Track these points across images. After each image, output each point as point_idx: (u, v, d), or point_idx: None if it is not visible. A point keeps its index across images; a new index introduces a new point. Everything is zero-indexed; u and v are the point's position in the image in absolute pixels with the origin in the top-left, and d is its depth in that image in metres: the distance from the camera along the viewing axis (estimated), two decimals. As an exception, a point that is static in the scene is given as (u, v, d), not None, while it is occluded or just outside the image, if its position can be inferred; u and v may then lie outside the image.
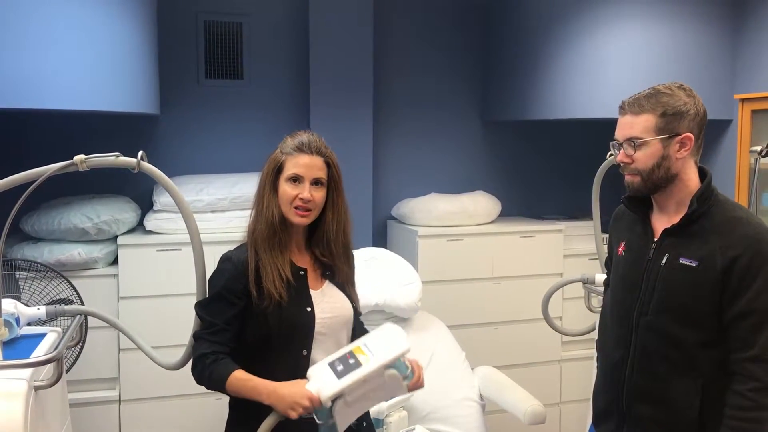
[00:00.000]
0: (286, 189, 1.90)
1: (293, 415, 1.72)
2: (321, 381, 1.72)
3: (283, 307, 1.87)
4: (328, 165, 1.95)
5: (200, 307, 1.95)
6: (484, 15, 4.31)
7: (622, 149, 1.85)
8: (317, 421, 1.74)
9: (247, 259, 1.90)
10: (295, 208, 1.90)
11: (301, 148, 1.91)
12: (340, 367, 1.73)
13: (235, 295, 1.89)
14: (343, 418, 1.76)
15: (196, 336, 1.91)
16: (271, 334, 1.88)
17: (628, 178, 1.86)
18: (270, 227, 1.90)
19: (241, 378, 1.82)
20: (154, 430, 3.35)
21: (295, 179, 1.90)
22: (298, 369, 1.88)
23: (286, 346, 1.90)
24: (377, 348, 1.75)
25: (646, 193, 1.87)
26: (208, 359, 1.86)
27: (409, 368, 1.78)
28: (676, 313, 1.79)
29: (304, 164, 1.90)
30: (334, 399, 1.71)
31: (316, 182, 1.91)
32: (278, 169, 1.93)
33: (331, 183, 1.96)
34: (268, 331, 1.88)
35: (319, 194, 1.92)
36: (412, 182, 4.23)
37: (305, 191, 1.89)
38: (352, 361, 1.73)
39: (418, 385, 1.82)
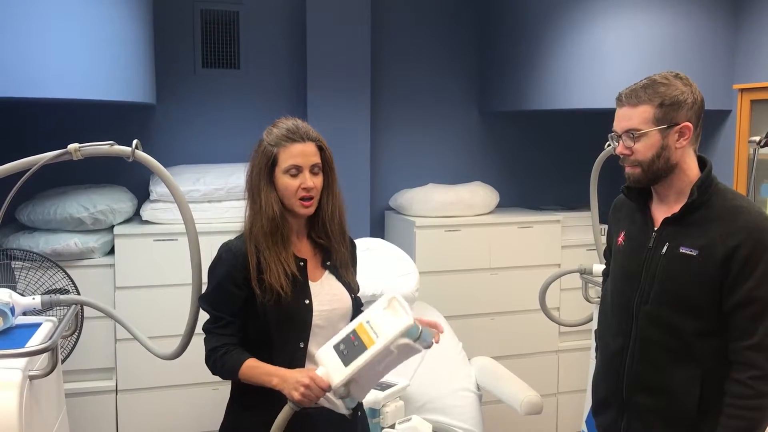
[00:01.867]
0: (287, 182, 1.88)
1: (296, 395, 1.72)
2: (328, 366, 1.71)
3: (282, 299, 1.87)
4: (320, 149, 1.93)
5: (204, 301, 1.94)
6: (483, 4, 4.29)
7: (621, 141, 1.84)
8: (335, 401, 1.76)
9: (247, 253, 1.88)
10: (300, 199, 1.88)
11: (292, 138, 1.88)
12: (345, 351, 1.69)
13: (237, 285, 1.87)
14: (360, 391, 1.73)
15: (206, 330, 1.92)
16: (269, 327, 1.88)
17: (628, 169, 1.86)
18: (272, 223, 1.88)
19: (252, 365, 1.84)
20: (151, 420, 3.36)
21: (294, 170, 1.88)
22: (295, 361, 1.88)
23: (283, 338, 1.89)
24: (380, 325, 1.68)
25: (646, 184, 1.87)
26: (219, 352, 1.87)
27: (420, 328, 1.69)
28: (677, 302, 1.79)
29: (299, 153, 1.88)
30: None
31: (313, 168, 1.90)
32: (272, 163, 1.89)
33: (326, 166, 1.94)
34: (267, 323, 1.88)
35: (318, 180, 1.91)
36: (409, 173, 4.22)
37: (307, 180, 1.87)
38: (356, 343, 1.69)
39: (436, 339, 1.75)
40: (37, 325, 2.13)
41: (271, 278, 1.85)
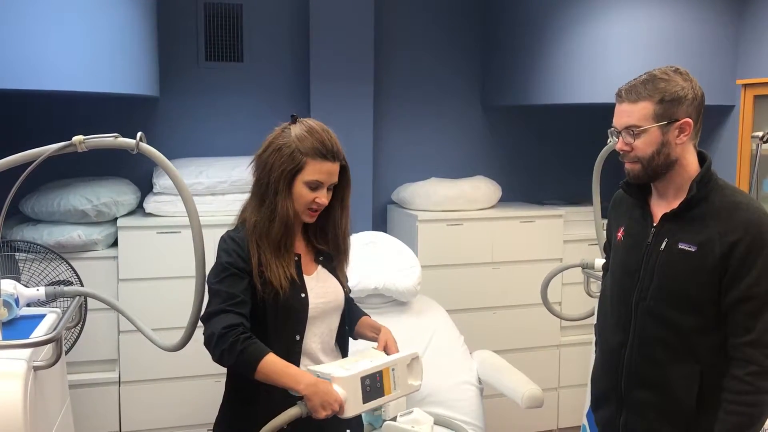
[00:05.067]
0: (303, 192, 1.87)
1: (322, 414, 1.73)
2: (350, 395, 1.76)
3: (280, 294, 1.88)
4: (342, 167, 1.94)
5: (216, 282, 1.86)
6: (486, -2, 4.29)
7: (620, 137, 1.83)
8: None
9: (249, 247, 1.88)
10: (309, 209, 1.90)
11: (324, 154, 1.86)
12: (368, 389, 1.79)
13: (243, 272, 1.87)
14: None
15: (216, 311, 1.82)
16: (267, 320, 1.88)
17: (628, 165, 1.85)
18: (284, 227, 1.88)
19: (278, 362, 1.77)
20: (154, 412, 3.37)
21: (315, 184, 1.88)
22: (291, 353, 1.88)
23: (280, 331, 1.90)
24: (401, 380, 1.87)
25: (646, 181, 1.86)
26: (239, 332, 1.77)
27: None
28: (675, 298, 1.79)
29: (326, 171, 1.88)
30: None
31: (330, 186, 1.92)
32: (296, 170, 1.87)
33: (343, 183, 1.95)
34: (265, 316, 1.88)
35: (330, 196, 1.93)
36: (412, 167, 4.22)
37: (323, 197, 1.89)
38: (379, 385, 1.81)
39: None
40: (41, 317, 2.14)
41: (272, 276, 1.86)
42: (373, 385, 1.79)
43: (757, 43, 3.56)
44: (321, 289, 1.97)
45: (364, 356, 1.93)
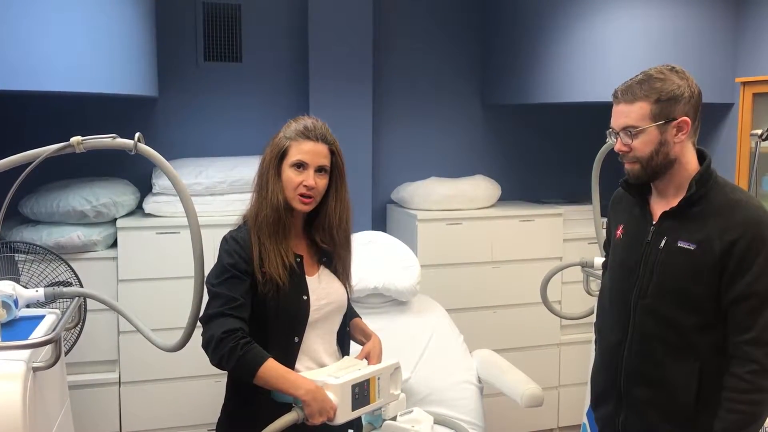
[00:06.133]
0: (290, 175, 1.89)
1: (318, 420, 1.75)
2: (342, 402, 1.80)
3: (281, 293, 1.87)
4: (332, 153, 1.94)
5: (215, 285, 1.87)
6: (485, -3, 4.29)
7: (618, 138, 1.84)
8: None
9: (251, 243, 1.89)
10: (300, 195, 1.89)
11: (305, 134, 1.90)
12: (357, 396, 1.83)
13: (244, 273, 1.87)
14: None
15: (216, 314, 1.83)
16: (267, 321, 1.88)
17: (627, 166, 1.85)
18: (275, 213, 1.89)
19: (278, 368, 1.79)
20: (154, 412, 3.37)
21: (299, 165, 1.89)
22: (288, 356, 1.89)
23: (279, 333, 1.90)
24: (384, 389, 1.94)
25: (646, 180, 1.87)
26: (239, 336, 1.78)
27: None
28: (675, 296, 1.79)
29: (308, 150, 1.89)
30: None
31: (319, 169, 1.91)
32: (282, 154, 1.91)
33: (335, 171, 1.95)
34: (266, 317, 1.88)
35: (322, 182, 1.92)
36: (411, 166, 4.22)
37: (309, 178, 1.88)
38: (366, 393, 1.87)
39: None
40: (41, 318, 2.14)
41: (270, 268, 1.86)
42: (361, 393, 1.84)
43: (757, 40, 3.56)
44: (323, 290, 1.97)
45: (344, 364, 1.95)
